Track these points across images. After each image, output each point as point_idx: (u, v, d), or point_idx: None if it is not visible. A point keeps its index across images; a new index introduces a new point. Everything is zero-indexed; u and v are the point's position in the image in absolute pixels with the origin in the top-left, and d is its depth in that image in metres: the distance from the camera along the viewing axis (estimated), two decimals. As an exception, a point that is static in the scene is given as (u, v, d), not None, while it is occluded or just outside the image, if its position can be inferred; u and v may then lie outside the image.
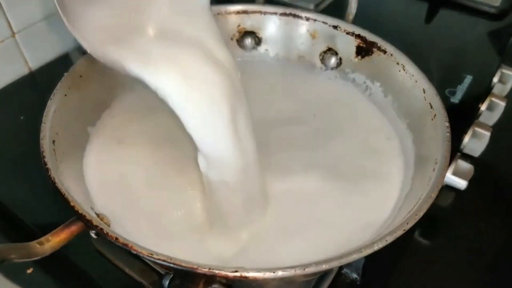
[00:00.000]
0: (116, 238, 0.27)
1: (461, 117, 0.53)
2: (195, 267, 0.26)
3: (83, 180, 0.36)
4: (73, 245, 0.30)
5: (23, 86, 0.62)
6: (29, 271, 0.39)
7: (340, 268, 0.39)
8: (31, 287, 0.39)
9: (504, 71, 0.58)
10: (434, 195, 0.31)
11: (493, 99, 0.54)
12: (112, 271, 0.38)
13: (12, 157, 0.51)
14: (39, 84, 0.64)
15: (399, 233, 0.28)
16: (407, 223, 0.29)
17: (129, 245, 0.27)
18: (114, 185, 0.39)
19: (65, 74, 0.39)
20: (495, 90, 0.57)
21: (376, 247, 0.28)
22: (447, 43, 0.64)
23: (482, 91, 0.57)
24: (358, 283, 0.38)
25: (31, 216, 0.44)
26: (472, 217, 0.45)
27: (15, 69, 0.63)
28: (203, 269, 0.26)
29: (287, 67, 0.49)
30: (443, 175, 0.32)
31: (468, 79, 0.59)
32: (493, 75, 0.58)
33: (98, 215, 0.33)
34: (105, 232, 0.28)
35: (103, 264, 0.38)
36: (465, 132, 0.50)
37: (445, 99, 0.54)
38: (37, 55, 0.64)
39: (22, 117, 0.56)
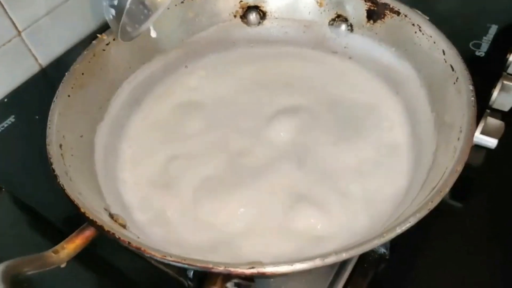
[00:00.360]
0: (129, 243, 0.27)
1: (488, 71, 0.49)
2: (210, 266, 0.25)
3: (96, 179, 0.36)
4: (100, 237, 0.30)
5: (36, 84, 0.62)
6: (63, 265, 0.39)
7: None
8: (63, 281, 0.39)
9: (533, 18, 0.53)
10: (460, 168, 0.29)
11: (523, 49, 0.50)
12: (138, 261, 0.38)
13: (31, 157, 0.51)
14: (52, 79, 0.64)
15: (424, 213, 0.27)
16: (431, 201, 0.27)
17: (142, 249, 0.26)
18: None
19: (66, 73, 0.38)
20: (523, 38, 0.53)
21: (399, 230, 0.26)
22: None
23: (509, 40, 0.52)
24: (387, 257, 0.37)
25: (54, 214, 0.44)
26: (506, 178, 0.42)
27: (26, 67, 0.62)
28: (218, 268, 0.25)
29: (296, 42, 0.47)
30: (469, 145, 0.30)
31: (493, 29, 0.54)
32: (521, 23, 0.54)
33: (112, 216, 0.32)
34: (117, 237, 0.27)
35: (129, 255, 0.38)
36: (493, 86, 0.46)
37: (470, 53, 0.51)
38: (46, 50, 0.64)
39: (37, 116, 0.56)
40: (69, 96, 0.37)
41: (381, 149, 0.39)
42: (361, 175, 0.37)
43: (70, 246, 0.29)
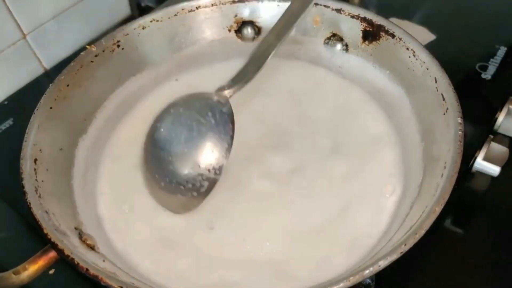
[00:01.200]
0: (87, 269, 0.26)
1: (494, 94, 0.47)
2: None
3: (71, 195, 0.35)
4: None
5: (39, 87, 0.62)
6: (51, 272, 0.38)
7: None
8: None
9: (542, 39, 0.51)
10: (439, 209, 0.27)
11: (530, 71, 0.48)
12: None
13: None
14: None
15: (395, 256, 0.25)
16: (405, 244, 0.25)
17: (99, 277, 0.25)
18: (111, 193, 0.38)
19: (50, 85, 0.38)
20: (530, 62, 0.51)
21: (367, 273, 0.25)
22: (475, 12, 0.57)
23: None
24: (373, 288, 0.35)
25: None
26: (508, 205, 0.40)
27: (30, 70, 0.63)
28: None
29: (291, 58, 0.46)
30: (451, 183, 0.28)
31: (501, 51, 0.52)
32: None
33: (82, 235, 0.31)
34: (76, 262, 0.26)
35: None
36: (499, 111, 0.44)
37: (475, 75, 0.49)
38: (51, 54, 0.64)
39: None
40: (51, 108, 0.37)
41: (369, 176, 0.38)
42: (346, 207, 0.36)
43: (32, 268, 0.28)
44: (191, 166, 0.35)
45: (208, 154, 0.35)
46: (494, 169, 0.40)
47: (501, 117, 0.45)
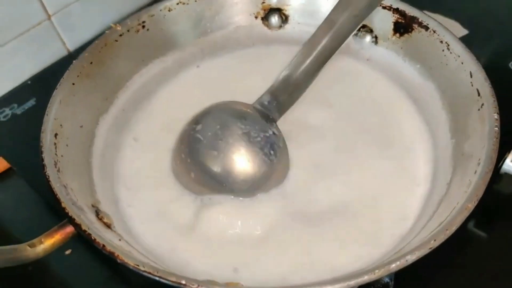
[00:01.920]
0: (103, 246, 0.25)
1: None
2: (182, 282, 0.24)
3: (90, 173, 0.35)
4: None
5: (61, 68, 0.62)
6: (67, 252, 0.38)
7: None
8: (69, 269, 0.37)
9: None
10: (471, 206, 0.26)
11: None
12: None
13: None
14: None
15: (423, 252, 0.24)
16: (434, 240, 0.24)
17: (116, 254, 0.25)
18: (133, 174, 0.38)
19: (73, 61, 0.38)
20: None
21: (394, 268, 0.24)
22: (508, 9, 0.55)
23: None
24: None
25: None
26: None
27: (54, 51, 0.63)
28: (191, 285, 0.23)
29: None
30: (485, 181, 0.27)
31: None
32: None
33: (98, 213, 0.31)
34: (92, 238, 0.26)
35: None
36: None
37: (508, 73, 0.47)
38: (75, 36, 0.64)
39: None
40: (73, 84, 0.36)
41: (398, 172, 0.36)
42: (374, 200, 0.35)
43: (49, 241, 0.27)
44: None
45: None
46: (524, 172, 0.38)
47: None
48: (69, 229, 0.28)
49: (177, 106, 0.43)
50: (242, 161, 0.36)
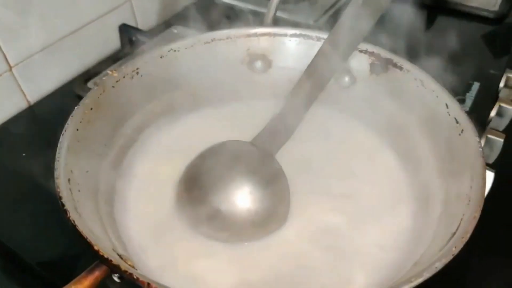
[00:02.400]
0: (148, 284, 0.25)
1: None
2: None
3: (101, 218, 0.34)
4: None
5: (22, 121, 0.61)
6: None
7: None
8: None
9: (510, 75, 0.58)
10: (478, 215, 0.29)
11: (502, 104, 0.54)
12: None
13: (15, 196, 0.49)
14: (39, 117, 0.63)
15: (448, 258, 0.27)
16: (455, 247, 0.27)
17: (163, 290, 0.25)
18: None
19: (75, 108, 0.38)
20: (501, 95, 0.57)
21: (426, 275, 0.26)
22: (449, 50, 0.64)
23: (490, 97, 0.56)
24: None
25: (36, 257, 0.42)
26: (490, 228, 0.43)
27: (14, 103, 0.61)
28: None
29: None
30: (482, 193, 0.31)
31: (475, 86, 0.59)
32: (499, 80, 0.58)
33: (121, 256, 0.30)
34: (135, 277, 0.25)
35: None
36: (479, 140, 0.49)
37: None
38: (35, 88, 0.63)
39: (24, 154, 0.54)
40: (77, 130, 0.36)
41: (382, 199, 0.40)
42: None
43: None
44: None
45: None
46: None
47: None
48: (98, 273, 0.27)
49: (172, 150, 0.44)
50: (247, 198, 0.37)
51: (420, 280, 0.26)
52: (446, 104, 0.39)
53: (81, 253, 0.29)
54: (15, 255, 0.44)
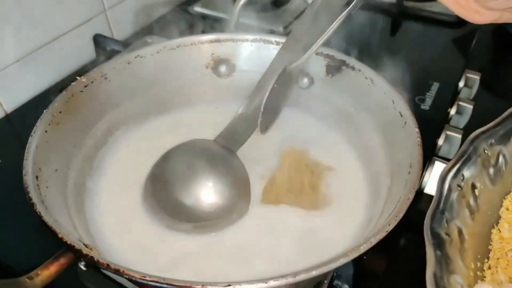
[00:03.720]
0: (108, 265, 0.27)
1: (433, 122, 0.55)
2: (188, 285, 0.26)
3: (69, 213, 0.36)
4: (59, 282, 0.30)
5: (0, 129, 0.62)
6: None
7: (331, 280, 0.39)
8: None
9: (469, 75, 0.62)
10: (411, 196, 0.32)
11: (461, 103, 0.58)
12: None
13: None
14: (16, 126, 0.64)
15: (382, 234, 0.30)
16: (389, 225, 0.30)
17: (121, 270, 0.27)
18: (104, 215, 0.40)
19: (44, 110, 0.40)
20: (462, 95, 0.61)
21: (362, 249, 0.29)
22: (413, 54, 0.67)
23: (449, 96, 0.60)
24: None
25: (10, 256, 0.43)
26: None
27: (-10, 113, 0.63)
28: (196, 287, 0.26)
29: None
30: (418, 176, 0.34)
31: (435, 86, 0.62)
32: (459, 80, 0.62)
33: (87, 245, 0.32)
34: (95, 259, 0.28)
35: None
36: (438, 136, 0.52)
37: (415, 107, 0.57)
38: (12, 97, 0.64)
39: (0, 161, 0.56)
40: (46, 131, 0.38)
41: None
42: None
43: (45, 273, 0.29)
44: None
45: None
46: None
47: (440, 142, 0.53)
48: (63, 259, 0.30)
49: (139, 151, 0.47)
50: (209, 192, 0.40)
51: (355, 254, 0.28)
52: (392, 100, 0.42)
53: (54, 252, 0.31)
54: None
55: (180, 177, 0.40)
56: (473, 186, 0.38)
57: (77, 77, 0.44)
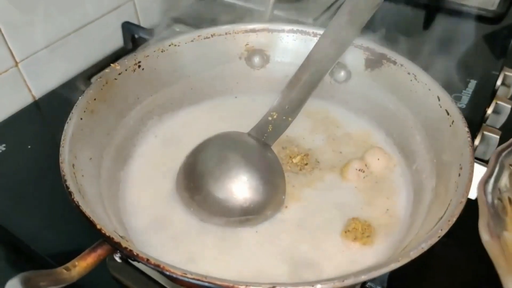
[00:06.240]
0: (148, 260, 0.26)
1: (469, 122, 0.53)
2: (231, 285, 0.25)
3: (103, 203, 0.36)
4: (89, 273, 0.29)
5: (28, 115, 0.62)
6: None
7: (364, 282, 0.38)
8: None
9: (507, 73, 0.59)
10: (464, 200, 0.31)
11: (499, 102, 0.55)
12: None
13: (21, 187, 0.50)
14: (44, 112, 0.64)
15: (434, 240, 0.28)
16: (441, 229, 0.28)
17: (161, 266, 0.26)
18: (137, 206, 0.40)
19: (79, 98, 0.39)
20: (499, 93, 0.58)
21: (413, 255, 0.27)
22: (448, 49, 0.65)
23: (487, 94, 0.57)
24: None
25: (44, 247, 0.43)
26: None
27: (20, 98, 0.63)
28: (239, 287, 0.25)
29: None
30: (470, 179, 0.32)
31: (472, 84, 0.60)
32: (497, 78, 0.59)
33: (122, 237, 0.32)
34: (134, 253, 0.27)
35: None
36: (474, 136, 0.50)
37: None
38: (41, 83, 0.65)
39: (29, 146, 0.56)
40: (81, 119, 0.38)
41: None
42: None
43: (82, 264, 0.28)
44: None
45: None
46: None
47: (476, 142, 0.51)
48: (100, 251, 0.29)
49: (172, 141, 0.46)
50: (243, 187, 0.38)
51: (406, 259, 0.27)
52: (438, 97, 0.40)
53: (88, 243, 0.30)
54: (21, 245, 0.45)
55: (214, 170, 0.39)
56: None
57: (112, 64, 0.43)
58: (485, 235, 0.29)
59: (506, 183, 0.36)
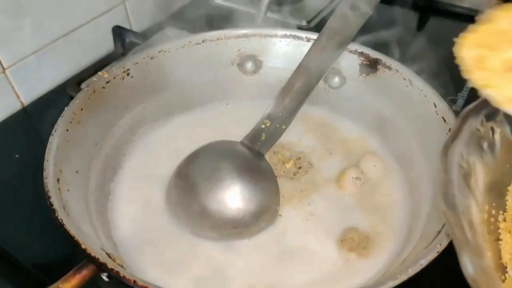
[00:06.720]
0: (135, 281, 0.25)
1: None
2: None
3: (91, 218, 0.34)
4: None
5: (16, 122, 0.61)
6: None
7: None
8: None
9: (502, 75, 0.58)
10: (463, 212, 0.29)
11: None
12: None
13: (8, 197, 0.49)
14: (32, 118, 0.63)
15: (433, 255, 0.27)
16: (440, 244, 0.27)
17: (149, 288, 0.25)
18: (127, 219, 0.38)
19: (65, 108, 0.38)
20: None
21: (411, 272, 0.26)
22: (442, 51, 0.64)
23: (483, 97, 0.56)
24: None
25: (31, 259, 0.42)
26: None
27: (7, 104, 0.61)
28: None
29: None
30: (468, 191, 0.31)
31: (467, 87, 0.59)
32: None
33: (109, 255, 0.30)
34: (121, 275, 0.26)
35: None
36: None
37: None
38: (29, 89, 0.63)
39: (17, 155, 0.54)
40: (67, 130, 0.37)
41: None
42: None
43: (66, 286, 0.27)
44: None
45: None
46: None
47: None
48: (86, 271, 0.28)
49: (163, 151, 0.45)
50: (236, 198, 0.37)
51: (405, 277, 0.26)
52: (434, 104, 0.39)
53: (76, 254, 0.29)
54: (10, 257, 0.44)
55: (206, 182, 0.38)
56: (492, 130, 0.34)
57: (99, 72, 0.42)
58: (442, 205, 0.27)
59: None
